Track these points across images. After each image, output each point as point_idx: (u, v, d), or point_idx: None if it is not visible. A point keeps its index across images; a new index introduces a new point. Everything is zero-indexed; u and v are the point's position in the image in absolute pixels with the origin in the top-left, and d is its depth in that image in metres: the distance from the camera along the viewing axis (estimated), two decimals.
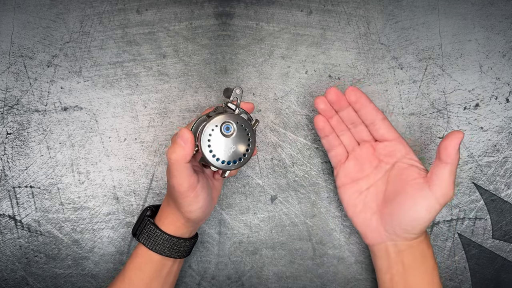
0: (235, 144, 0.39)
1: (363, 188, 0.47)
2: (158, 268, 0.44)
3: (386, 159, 0.46)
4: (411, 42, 0.52)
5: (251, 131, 0.40)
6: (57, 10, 0.52)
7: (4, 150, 0.51)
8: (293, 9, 0.52)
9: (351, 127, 0.47)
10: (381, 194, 0.46)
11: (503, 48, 0.51)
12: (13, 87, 0.51)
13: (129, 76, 0.52)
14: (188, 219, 0.43)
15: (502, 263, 0.51)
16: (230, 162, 0.39)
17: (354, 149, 0.48)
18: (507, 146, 0.51)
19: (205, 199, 0.42)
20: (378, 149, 0.46)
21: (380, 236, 0.45)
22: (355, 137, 0.48)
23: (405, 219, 0.42)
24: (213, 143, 0.39)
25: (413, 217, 0.42)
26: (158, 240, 0.43)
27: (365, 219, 0.46)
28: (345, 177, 0.48)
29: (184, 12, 0.52)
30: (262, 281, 0.52)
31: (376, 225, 0.45)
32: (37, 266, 0.51)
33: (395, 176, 0.45)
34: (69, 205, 0.51)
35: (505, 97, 0.51)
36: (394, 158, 0.45)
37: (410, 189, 0.42)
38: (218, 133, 0.39)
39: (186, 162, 0.39)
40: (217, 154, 0.39)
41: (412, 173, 0.43)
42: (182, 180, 0.39)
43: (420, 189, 0.42)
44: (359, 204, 0.47)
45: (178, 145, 0.39)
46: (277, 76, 0.52)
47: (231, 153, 0.39)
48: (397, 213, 0.43)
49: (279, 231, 0.52)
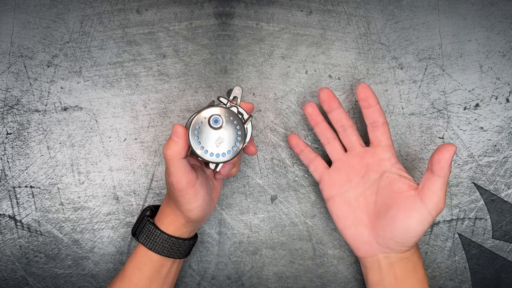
0: (224, 137, 0.39)
1: (351, 199, 0.46)
2: (157, 268, 0.44)
3: (374, 168, 0.45)
4: (411, 42, 0.52)
5: (241, 125, 0.39)
6: (57, 10, 0.52)
7: (4, 150, 0.51)
8: (293, 9, 0.52)
9: (341, 129, 0.47)
10: (371, 205, 0.45)
11: (503, 48, 0.51)
12: (13, 87, 0.51)
13: (129, 76, 0.52)
14: (188, 218, 0.43)
15: (502, 263, 0.51)
16: (219, 155, 0.39)
17: (340, 158, 0.47)
18: (507, 146, 0.51)
19: (205, 197, 0.42)
20: (366, 157, 0.46)
21: (372, 249, 0.44)
22: (344, 141, 0.47)
23: (399, 233, 0.42)
24: (201, 135, 0.38)
25: (406, 231, 0.41)
26: (157, 240, 0.43)
27: (357, 232, 0.45)
28: (331, 188, 0.47)
29: (184, 12, 0.52)
30: (262, 281, 0.52)
31: (368, 238, 0.45)
32: (37, 266, 0.51)
33: (384, 188, 0.44)
34: (69, 205, 0.51)
35: (505, 97, 0.51)
36: (383, 167, 0.45)
37: (402, 202, 0.42)
38: (206, 126, 0.38)
39: (182, 157, 0.39)
40: (205, 146, 0.38)
41: (403, 185, 0.43)
42: (180, 176, 0.39)
43: (412, 202, 0.41)
44: (349, 216, 0.46)
45: (172, 140, 0.39)
46: (277, 76, 0.52)
47: (219, 145, 0.39)
48: (390, 227, 0.42)
49: (279, 231, 0.52)
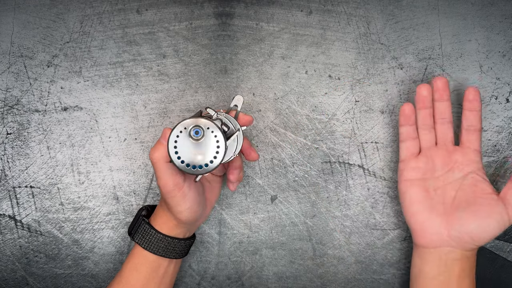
0: (202, 150, 0.38)
1: (430, 188, 0.46)
2: (154, 268, 0.44)
3: (461, 167, 0.46)
4: (411, 42, 0.52)
5: (222, 139, 0.38)
6: (57, 10, 0.52)
7: (4, 150, 0.51)
8: (293, 9, 0.52)
9: (440, 122, 0.47)
10: (449, 200, 0.46)
11: (503, 48, 0.51)
12: (13, 87, 0.51)
13: (129, 76, 0.52)
14: (179, 220, 0.43)
15: (502, 263, 0.51)
16: (195, 167, 0.38)
17: (430, 148, 0.47)
18: (507, 146, 0.51)
19: (194, 199, 0.42)
20: (455, 155, 0.46)
21: (440, 240, 0.44)
22: (438, 133, 0.47)
23: (476, 228, 0.43)
24: (179, 144, 0.38)
25: (484, 229, 0.43)
26: (153, 240, 0.43)
27: (428, 219, 0.45)
28: (413, 171, 0.47)
29: (184, 12, 0.52)
30: (262, 281, 0.52)
31: (438, 228, 0.45)
32: (37, 266, 0.51)
33: (468, 186, 0.45)
34: (69, 205, 0.51)
35: (505, 97, 0.51)
36: (470, 168, 0.46)
37: (485, 201, 0.44)
38: (186, 136, 0.38)
39: (167, 161, 0.39)
40: (182, 156, 0.38)
41: (487, 187, 0.44)
42: (166, 179, 0.39)
43: (495, 204, 0.43)
44: (425, 202, 0.46)
45: (160, 143, 0.39)
46: (277, 76, 0.52)
47: (196, 157, 0.38)
48: (469, 221, 0.43)
49: (279, 231, 0.52)
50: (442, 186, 0.46)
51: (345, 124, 0.52)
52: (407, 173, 0.47)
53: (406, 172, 0.47)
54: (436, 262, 0.45)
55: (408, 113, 0.47)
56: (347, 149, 0.52)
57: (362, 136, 0.52)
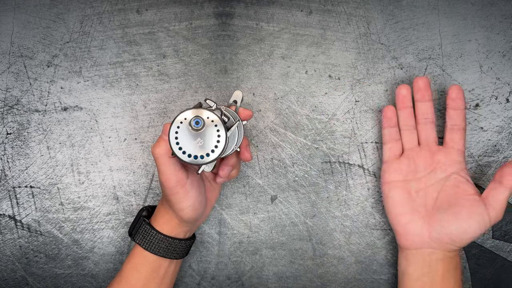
0: (203, 140, 0.38)
1: (412, 190, 0.47)
2: (154, 269, 0.44)
3: (444, 167, 0.46)
4: (411, 42, 0.52)
5: (223, 129, 0.38)
6: (57, 10, 0.52)
7: (4, 150, 0.51)
8: (293, 9, 0.52)
9: (423, 122, 0.47)
10: (430, 201, 0.46)
11: (503, 48, 0.51)
12: (13, 87, 0.51)
13: (129, 76, 0.52)
14: (181, 218, 0.43)
15: (502, 263, 0.51)
16: (197, 157, 0.38)
17: (413, 149, 0.48)
18: (507, 146, 0.51)
19: (196, 197, 0.42)
20: (438, 156, 0.46)
21: (421, 242, 0.45)
22: (421, 133, 0.48)
23: (456, 230, 0.43)
24: (180, 135, 0.38)
25: (465, 230, 0.43)
26: (153, 240, 0.43)
27: (410, 221, 0.45)
28: (396, 172, 0.47)
29: (184, 12, 0.52)
30: (262, 281, 0.52)
31: (420, 230, 0.45)
32: (37, 266, 0.51)
33: (450, 187, 0.45)
34: (69, 205, 0.51)
35: (505, 97, 0.51)
36: (452, 168, 0.46)
37: (466, 202, 0.43)
38: (186, 127, 0.38)
39: (169, 156, 0.39)
40: (183, 147, 0.38)
41: (469, 188, 0.44)
42: (169, 175, 0.39)
43: (476, 206, 0.43)
44: (408, 204, 0.46)
45: (162, 139, 0.39)
46: (277, 76, 0.52)
47: (197, 147, 0.38)
48: (449, 223, 0.43)
49: (279, 231, 0.52)
50: (424, 187, 0.46)
51: (345, 124, 0.52)
52: (389, 175, 0.48)
53: (388, 174, 0.48)
54: (419, 264, 0.45)
55: (390, 115, 0.48)
56: (347, 149, 0.52)
57: (362, 136, 0.52)
